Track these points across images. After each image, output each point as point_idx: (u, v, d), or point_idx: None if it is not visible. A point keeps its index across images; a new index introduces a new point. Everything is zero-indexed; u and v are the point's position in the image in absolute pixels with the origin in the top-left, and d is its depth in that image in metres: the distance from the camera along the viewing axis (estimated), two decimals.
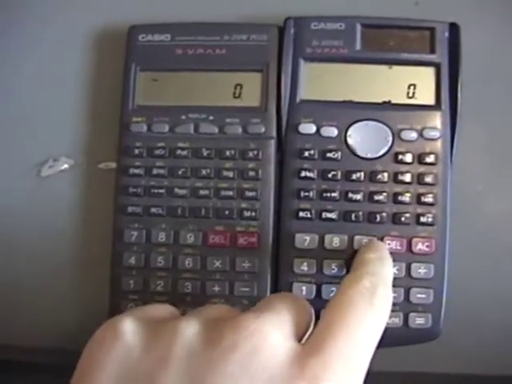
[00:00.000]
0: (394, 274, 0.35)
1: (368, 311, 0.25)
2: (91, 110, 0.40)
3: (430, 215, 0.35)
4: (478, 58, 0.37)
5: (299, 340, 0.25)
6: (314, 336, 0.25)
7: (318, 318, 0.27)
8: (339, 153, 0.36)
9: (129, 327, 0.25)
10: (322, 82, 0.37)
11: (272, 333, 0.24)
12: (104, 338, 0.25)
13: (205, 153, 0.36)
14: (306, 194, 0.36)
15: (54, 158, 0.39)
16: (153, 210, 0.36)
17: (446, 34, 0.37)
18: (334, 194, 0.36)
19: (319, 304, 0.33)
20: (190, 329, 0.24)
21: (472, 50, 0.37)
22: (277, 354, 0.23)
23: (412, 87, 0.37)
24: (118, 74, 0.38)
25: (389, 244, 0.35)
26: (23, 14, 0.41)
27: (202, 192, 0.36)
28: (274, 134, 0.37)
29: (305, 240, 0.36)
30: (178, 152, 0.37)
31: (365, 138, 0.36)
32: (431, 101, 0.37)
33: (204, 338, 0.24)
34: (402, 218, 0.35)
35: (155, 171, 0.36)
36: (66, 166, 0.39)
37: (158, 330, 0.25)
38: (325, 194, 0.36)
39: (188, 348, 0.23)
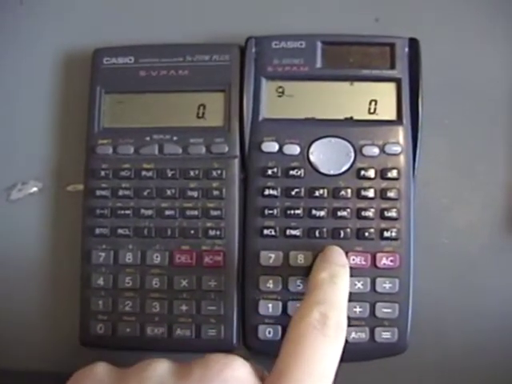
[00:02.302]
0: (359, 288, 0.35)
1: (322, 342, 0.26)
2: (59, 133, 0.40)
3: (393, 230, 0.36)
4: (437, 72, 0.38)
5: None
6: (272, 373, 0.25)
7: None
8: (302, 170, 0.36)
9: (103, 367, 0.26)
10: (282, 100, 0.37)
11: (241, 369, 0.25)
12: (79, 376, 0.26)
13: (169, 173, 0.37)
14: (270, 211, 0.36)
15: (22, 181, 0.40)
16: (120, 231, 0.37)
17: (406, 50, 0.37)
18: (297, 211, 0.36)
19: (285, 321, 0.34)
20: (161, 365, 0.25)
21: (432, 64, 0.37)
22: None
23: (373, 103, 0.37)
24: (84, 97, 0.38)
25: (353, 260, 0.35)
26: None
27: (167, 212, 0.37)
28: (238, 152, 0.37)
29: (270, 257, 0.36)
30: (144, 173, 0.37)
31: (327, 155, 0.36)
32: (392, 116, 0.37)
33: (175, 373, 0.24)
34: (366, 234, 0.36)
35: (121, 192, 0.37)
36: (35, 189, 0.40)
37: (129, 370, 0.26)
38: (288, 212, 0.36)
39: (159, 379, 0.24)
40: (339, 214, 0.36)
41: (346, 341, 0.29)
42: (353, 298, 0.34)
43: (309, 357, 0.25)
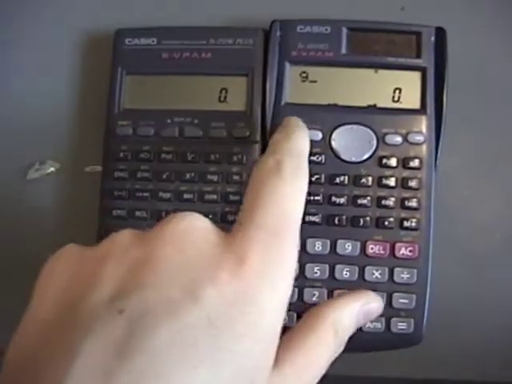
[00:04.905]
0: (377, 278, 0.35)
1: (277, 182, 0.25)
2: (78, 114, 0.40)
3: (413, 220, 0.35)
4: (463, 62, 0.37)
5: None
6: (235, 224, 0.25)
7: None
8: (323, 156, 0.36)
9: (73, 246, 0.25)
10: (306, 85, 0.37)
11: (202, 219, 0.24)
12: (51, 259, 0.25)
13: (189, 157, 0.36)
14: None
15: (40, 161, 0.39)
16: (137, 213, 0.37)
17: (432, 39, 0.37)
18: (317, 198, 0.36)
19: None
20: (125, 232, 0.25)
21: (458, 54, 0.37)
22: (206, 234, 0.24)
23: (397, 91, 0.37)
24: (104, 78, 0.38)
25: (372, 249, 0.35)
26: (8, 17, 0.41)
27: (186, 195, 0.36)
28: (259, 137, 0.37)
29: None
30: (163, 156, 0.37)
31: (349, 142, 0.36)
32: (416, 105, 0.37)
33: (138, 235, 0.24)
34: (386, 223, 0.35)
35: (140, 175, 0.37)
36: (52, 169, 0.39)
37: (96, 247, 0.25)
38: (308, 198, 0.35)
39: (124, 244, 0.24)
40: (359, 201, 0.36)
41: (361, 330, 0.29)
42: (370, 287, 0.34)
43: (267, 198, 0.24)
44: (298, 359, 0.24)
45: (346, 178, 0.36)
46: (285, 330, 0.26)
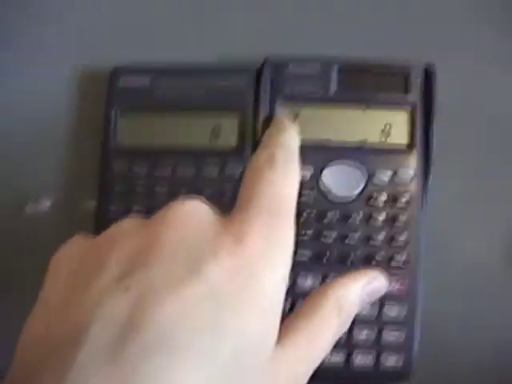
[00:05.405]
0: (366, 314, 0.35)
1: (271, 173, 0.26)
2: (74, 149, 0.41)
3: (402, 257, 0.36)
4: (452, 99, 0.38)
5: None
6: (233, 209, 0.26)
7: None
8: (312, 194, 0.37)
9: (80, 236, 0.26)
10: (298, 123, 0.38)
11: (202, 203, 0.25)
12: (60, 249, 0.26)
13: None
14: None
15: (37, 196, 0.40)
16: None
17: (421, 75, 0.37)
18: (306, 236, 0.36)
19: None
20: (129, 219, 0.25)
21: (447, 90, 0.37)
22: (207, 216, 0.24)
23: (387, 128, 0.37)
24: (100, 114, 0.39)
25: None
26: (4, 52, 0.42)
27: None
28: None
29: None
30: (157, 194, 0.37)
31: (339, 180, 0.37)
32: (406, 142, 0.37)
33: (142, 221, 0.25)
34: (374, 260, 0.36)
35: (133, 212, 0.37)
36: (48, 204, 0.40)
37: (100, 237, 0.25)
38: (297, 235, 0.36)
39: (129, 229, 0.24)
40: (347, 240, 0.36)
41: (351, 366, 0.29)
42: (360, 322, 0.35)
43: (260, 186, 0.25)
44: (301, 338, 0.24)
45: (335, 215, 0.36)
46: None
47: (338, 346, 0.26)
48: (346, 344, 0.35)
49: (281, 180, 0.26)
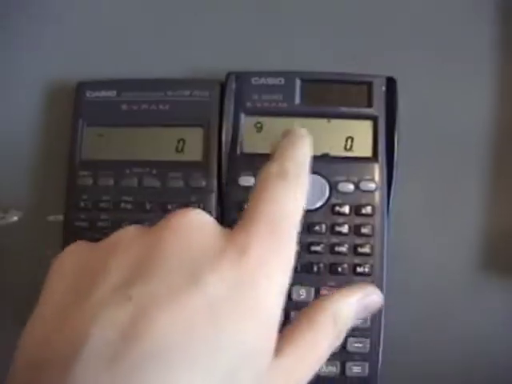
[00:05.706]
0: None
1: (278, 184, 0.26)
2: (41, 163, 0.41)
3: (366, 265, 0.36)
4: (414, 111, 0.39)
5: None
6: (238, 221, 0.25)
7: None
8: None
9: (81, 242, 0.27)
10: (261, 135, 0.38)
11: (204, 214, 0.25)
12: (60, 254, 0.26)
13: (148, 206, 0.37)
14: None
15: (3, 210, 0.40)
16: None
17: (383, 88, 0.38)
18: None
19: None
20: (130, 227, 0.25)
21: (408, 103, 0.38)
22: (209, 227, 0.25)
23: (350, 140, 0.38)
24: (67, 128, 0.39)
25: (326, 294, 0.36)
26: None
27: None
28: (215, 187, 0.38)
29: None
30: (122, 205, 0.38)
31: None
32: (368, 153, 0.38)
33: (143, 229, 0.25)
34: (339, 269, 0.36)
35: (100, 224, 0.37)
36: (15, 218, 0.40)
37: (101, 243, 0.26)
38: None
39: (130, 237, 0.24)
40: (313, 248, 0.37)
41: (317, 374, 0.30)
42: None
43: (267, 198, 0.25)
44: (297, 350, 0.25)
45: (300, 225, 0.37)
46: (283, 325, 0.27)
47: None
48: None
49: (289, 194, 0.26)
